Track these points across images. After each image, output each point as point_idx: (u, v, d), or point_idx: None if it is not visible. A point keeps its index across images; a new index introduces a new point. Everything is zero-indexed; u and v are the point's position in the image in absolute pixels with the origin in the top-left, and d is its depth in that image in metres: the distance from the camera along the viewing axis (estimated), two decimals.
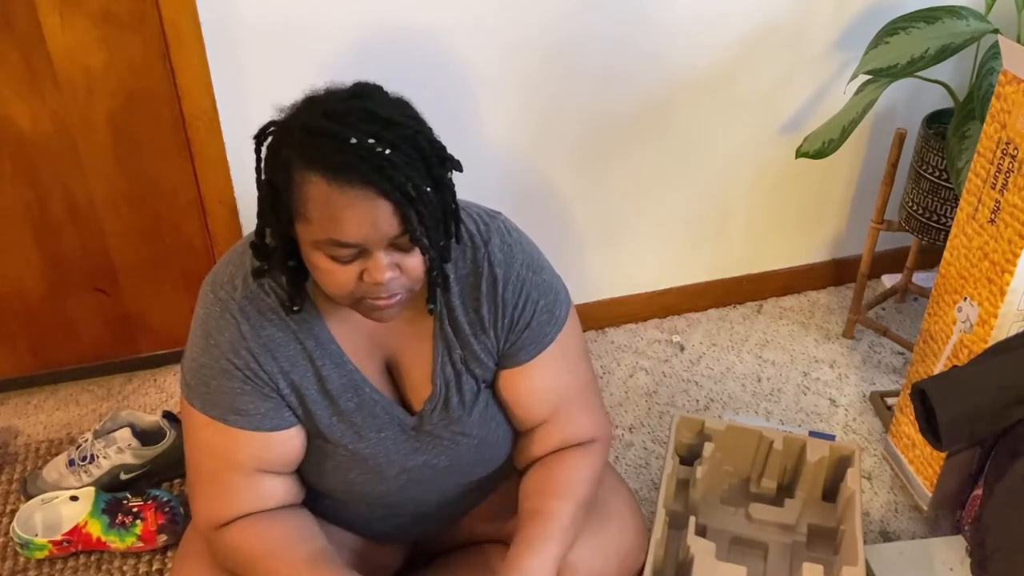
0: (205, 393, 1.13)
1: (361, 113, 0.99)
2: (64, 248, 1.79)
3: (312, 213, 0.98)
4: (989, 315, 1.47)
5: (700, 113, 1.93)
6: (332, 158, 0.96)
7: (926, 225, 1.89)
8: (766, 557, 1.57)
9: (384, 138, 0.97)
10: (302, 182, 0.98)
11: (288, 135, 1.00)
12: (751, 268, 2.23)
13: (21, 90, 1.61)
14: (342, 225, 0.97)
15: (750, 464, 1.67)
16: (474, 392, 1.22)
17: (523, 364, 1.21)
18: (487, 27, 1.70)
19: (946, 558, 1.57)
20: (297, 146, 0.98)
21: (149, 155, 1.73)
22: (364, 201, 0.96)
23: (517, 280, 1.18)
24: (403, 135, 0.99)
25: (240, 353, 1.11)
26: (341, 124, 0.97)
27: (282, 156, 1.00)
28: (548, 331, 1.21)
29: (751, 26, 1.85)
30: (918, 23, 1.70)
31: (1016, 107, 1.37)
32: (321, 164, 0.96)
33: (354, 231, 0.98)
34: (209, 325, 1.13)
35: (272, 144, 1.03)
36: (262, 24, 1.58)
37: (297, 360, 1.14)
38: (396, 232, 0.99)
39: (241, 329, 1.11)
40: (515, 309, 1.18)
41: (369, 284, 1.02)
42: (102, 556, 1.61)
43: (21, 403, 1.93)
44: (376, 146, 0.96)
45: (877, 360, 2.09)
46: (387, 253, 1.01)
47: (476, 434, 1.24)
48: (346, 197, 0.96)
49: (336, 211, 0.97)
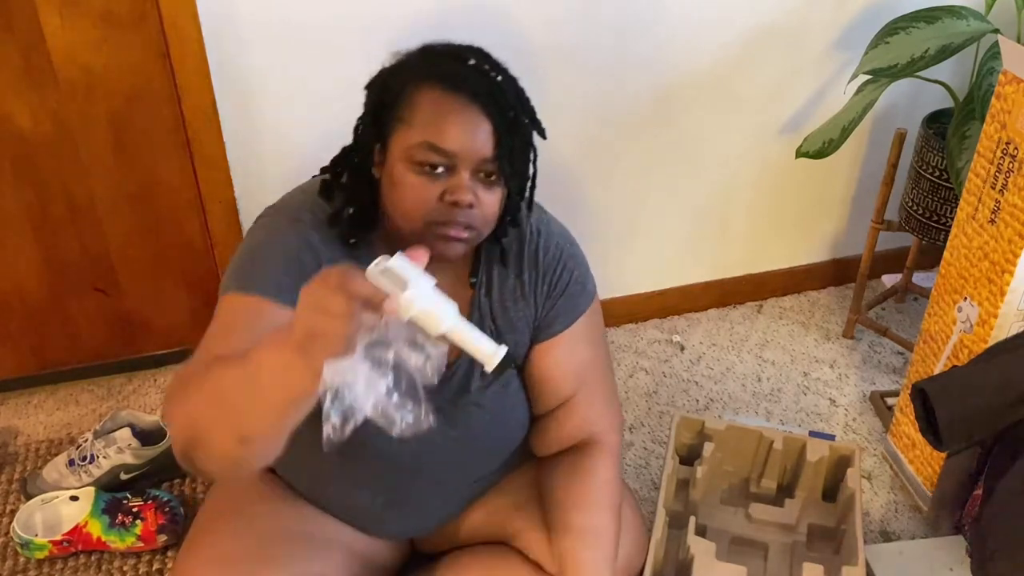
0: (250, 270, 1.11)
1: (477, 50, 1.12)
2: (64, 248, 1.79)
3: (418, 117, 1.06)
4: (989, 315, 1.47)
5: (700, 113, 1.93)
6: (449, 70, 1.07)
7: (926, 225, 1.89)
8: (766, 557, 1.57)
9: (497, 68, 1.10)
10: (414, 91, 1.07)
11: (405, 63, 1.12)
12: (751, 268, 2.23)
13: (21, 90, 1.61)
14: (445, 129, 1.05)
15: (750, 464, 1.67)
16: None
17: (556, 335, 1.27)
18: (487, 28, 1.70)
19: (946, 558, 1.57)
20: (415, 66, 1.10)
21: (149, 155, 1.73)
22: (470, 113, 1.06)
23: (556, 248, 1.26)
24: (511, 76, 1.12)
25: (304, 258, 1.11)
26: (462, 51, 1.11)
27: (395, 78, 1.10)
28: (580, 302, 1.28)
29: (751, 26, 1.85)
30: (918, 23, 1.70)
31: (1016, 107, 1.37)
32: (438, 75, 1.07)
33: (454, 138, 1.05)
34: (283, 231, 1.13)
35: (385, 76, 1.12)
36: (262, 24, 1.58)
37: None
38: (488, 154, 1.06)
39: (309, 238, 1.12)
40: (554, 275, 1.25)
41: (447, 205, 1.06)
42: (102, 556, 1.61)
43: (21, 403, 1.93)
44: (490, 71, 1.09)
45: (877, 360, 2.09)
46: (471, 178, 1.07)
47: (490, 408, 1.26)
48: (455, 104, 1.06)
49: (443, 115, 1.05)
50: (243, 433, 0.90)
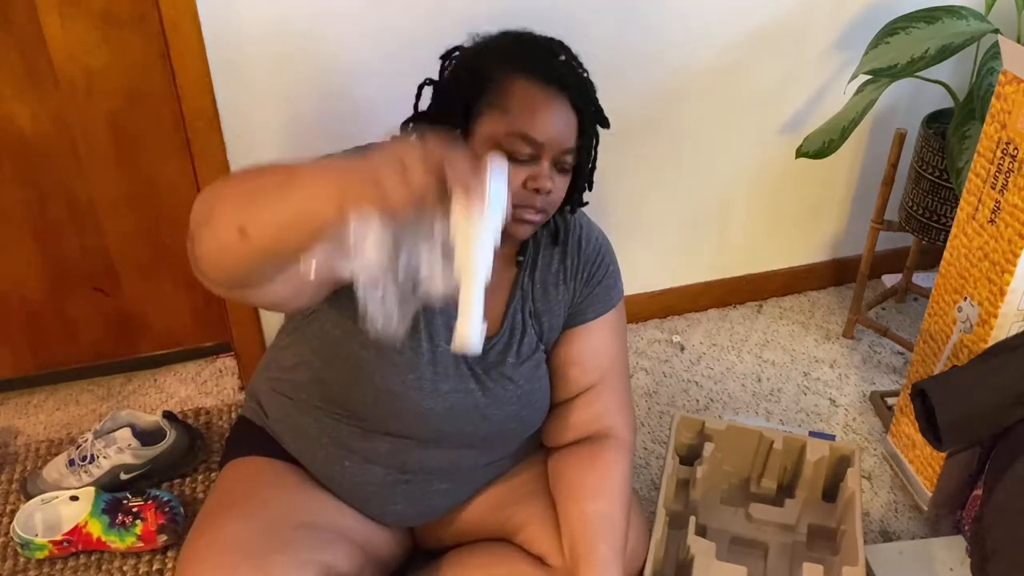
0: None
1: (564, 45, 1.20)
2: (64, 248, 1.79)
3: (511, 106, 1.11)
4: (989, 315, 1.47)
5: (700, 113, 1.93)
6: (545, 64, 1.14)
7: (926, 225, 1.89)
8: (766, 557, 1.57)
9: (580, 64, 1.19)
10: (505, 80, 1.12)
11: (494, 49, 1.17)
12: (751, 268, 2.23)
13: (21, 90, 1.61)
14: (537, 122, 1.11)
15: (750, 464, 1.67)
16: (532, 348, 1.30)
17: (588, 322, 1.33)
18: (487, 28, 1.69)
19: (946, 558, 1.57)
20: (507, 55, 1.15)
21: (149, 155, 1.73)
22: (560, 106, 1.13)
23: (596, 241, 1.35)
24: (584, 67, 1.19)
25: None
26: (551, 44, 1.19)
27: (481, 62, 1.15)
28: (612, 295, 1.36)
29: (751, 26, 1.85)
30: (918, 23, 1.70)
31: (1016, 107, 1.37)
32: (534, 68, 1.13)
33: (545, 130, 1.11)
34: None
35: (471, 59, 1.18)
36: (262, 24, 1.58)
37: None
38: (570, 144, 1.15)
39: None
40: (593, 265, 1.33)
41: (528, 192, 1.13)
42: (102, 556, 1.61)
43: (21, 403, 1.93)
44: (577, 67, 1.17)
45: (877, 360, 2.09)
46: (551, 167, 1.14)
47: (521, 385, 1.29)
48: (548, 97, 1.12)
49: (537, 106, 1.11)
50: (246, 224, 0.89)
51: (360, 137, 1.73)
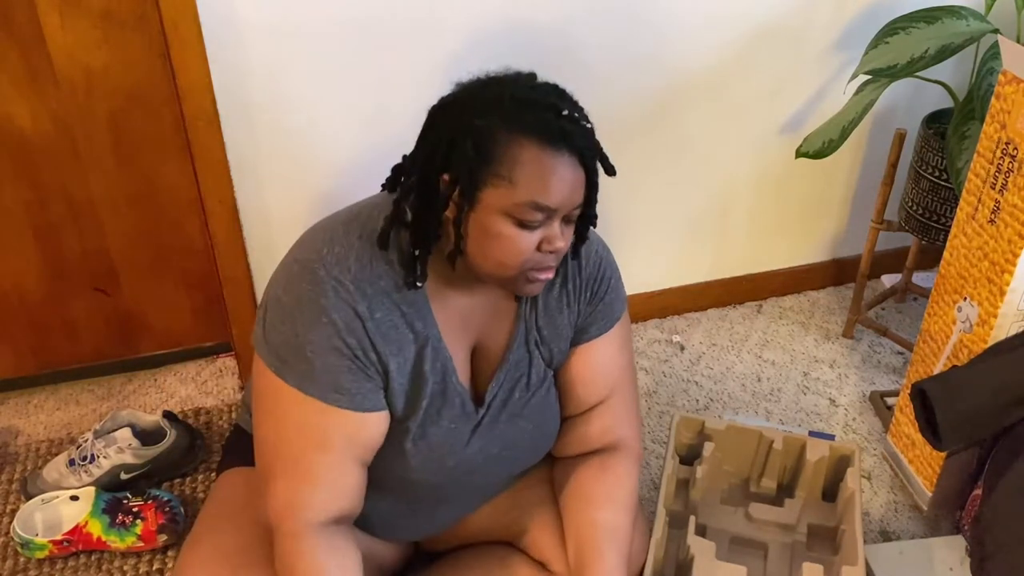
0: (307, 371, 1.10)
1: (557, 90, 1.10)
2: (64, 248, 1.79)
3: (519, 176, 1.04)
4: (989, 315, 1.47)
5: (700, 113, 1.93)
6: (551, 124, 1.04)
7: (926, 225, 1.89)
8: (766, 557, 1.57)
9: (582, 114, 1.09)
10: (510, 146, 1.03)
11: (486, 104, 1.06)
12: (751, 268, 2.23)
13: (21, 90, 1.61)
14: (549, 189, 1.04)
15: (750, 464, 1.67)
16: (541, 376, 1.27)
17: (594, 339, 1.29)
18: (486, 28, 1.70)
19: (946, 558, 1.57)
20: (504, 113, 1.05)
21: (149, 155, 1.73)
22: (571, 168, 1.06)
23: (596, 256, 1.28)
24: (586, 114, 1.10)
25: (356, 333, 1.10)
26: (550, 96, 1.07)
27: (478, 123, 1.04)
28: (616, 309, 1.31)
29: (751, 26, 1.85)
30: (918, 23, 1.70)
31: (1016, 107, 1.37)
32: (539, 130, 1.04)
33: (557, 196, 1.05)
34: (322, 303, 1.09)
35: (456, 114, 1.08)
36: (262, 24, 1.58)
37: (403, 344, 1.14)
38: (580, 201, 1.09)
39: (359, 310, 1.10)
40: (595, 283, 1.27)
41: (543, 253, 1.08)
42: (102, 556, 1.61)
43: (21, 403, 1.93)
44: (580, 119, 1.08)
45: (877, 360, 2.10)
46: (560, 222, 1.09)
47: (533, 419, 1.27)
48: (557, 162, 1.04)
49: (547, 174, 1.04)
50: None
51: (361, 136, 1.74)
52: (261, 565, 1.19)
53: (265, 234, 1.81)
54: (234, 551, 1.21)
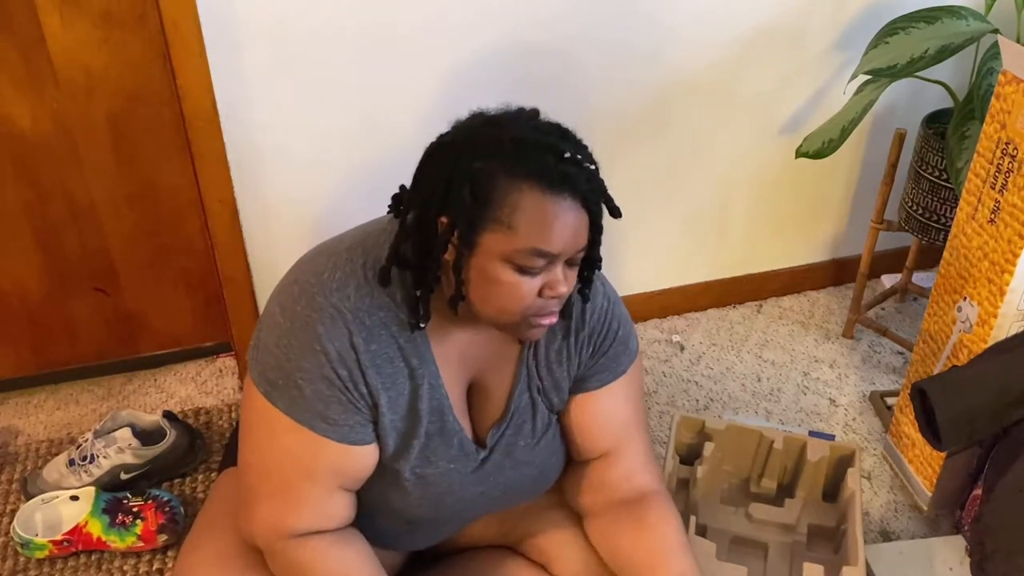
0: (297, 397, 1.08)
1: (559, 129, 1.05)
2: (64, 248, 1.79)
3: (520, 222, 0.99)
4: (989, 315, 1.47)
5: (700, 113, 1.93)
6: (552, 169, 0.99)
7: (926, 225, 1.89)
8: (766, 557, 1.57)
9: (586, 155, 1.03)
10: (510, 190, 0.99)
11: (486, 147, 1.01)
12: (751, 268, 2.23)
13: (21, 90, 1.61)
14: (551, 235, 1.00)
15: (750, 464, 1.67)
16: (546, 423, 1.23)
17: (595, 390, 1.23)
18: (485, 27, 1.70)
19: (946, 558, 1.57)
20: (504, 156, 1.00)
21: (149, 155, 1.73)
22: (573, 212, 1.01)
23: (602, 308, 1.22)
24: (590, 154, 1.04)
25: (348, 364, 1.07)
26: (551, 137, 1.02)
27: (477, 166, 1.00)
28: (622, 362, 1.24)
29: (751, 26, 1.85)
30: (918, 23, 1.71)
31: (1016, 107, 1.37)
32: (539, 174, 0.99)
33: (559, 241, 1.01)
34: (319, 331, 1.06)
35: (454, 156, 1.02)
36: (262, 24, 1.58)
37: (397, 378, 1.11)
38: (583, 244, 1.04)
39: (354, 341, 1.07)
40: (599, 336, 1.21)
41: (546, 298, 1.04)
42: (102, 556, 1.61)
43: (21, 403, 1.93)
44: (583, 161, 1.02)
45: (877, 360, 2.10)
46: (563, 266, 1.05)
47: (538, 464, 1.24)
48: (559, 207, 1.00)
49: (548, 219, 1.00)
50: None
51: (361, 137, 1.74)
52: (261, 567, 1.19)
53: (265, 234, 1.81)
54: (234, 553, 1.21)
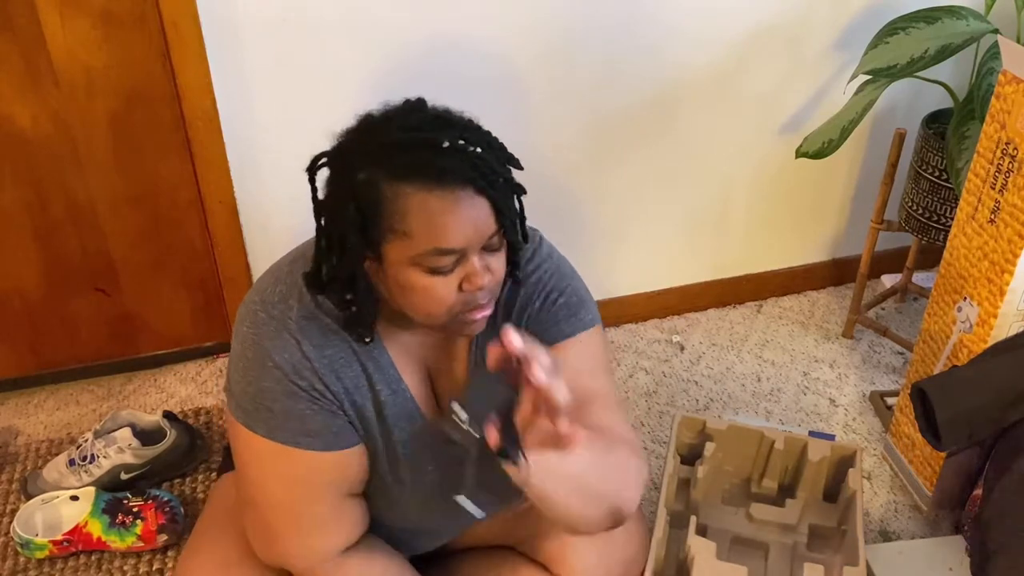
0: (270, 419, 1.07)
1: (436, 120, 1.00)
2: (64, 248, 1.79)
3: (412, 226, 0.96)
4: (989, 315, 1.47)
5: (700, 113, 1.93)
6: (429, 164, 0.95)
7: (926, 225, 1.89)
8: (767, 557, 1.57)
9: (470, 139, 0.98)
10: (395, 197, 0.96)
11: (365, 155, 0.98)
12: (751, 268, 2.23)
13: (21, 90, 1.61)
14: (447, 231, 0.96)
15: (751, 464, 1.67)
16: None
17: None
18: (485, 26, 1.70)
19: (946, 558, 1.57)
20: (382, 162, 0.97)
21: (149, 155, 1.73)
22: (465, 202, 0.96)
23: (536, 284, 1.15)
24: (481, 134, 1.00)
25: (304, 374, 1.06)
26: (426, 132, 0.97)
27: (361, 178, 0.97)
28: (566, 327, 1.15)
29: (751, 26, 1.85)
30: (918, 23, 1.71)
31: (1016, 107, 1.38)
32: (418, 173, 0.95)
33: (459, 235, 0.96)
34: (266, 346, 1.06)
35: (339, 170, 1.01)
36: (262, 24, 1.58)
37: (359, 382, 1.10)
38: (492, 230, 0.99)
39: (303, 349, 1.06)
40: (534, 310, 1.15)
41: (468, 293, 1.00)
42: (102, 556, 1.61)
43: (21, 403, 1.93)
44: (467, 146, 0.97)
45: (877, 360, 2.10)
46: (479, 256, 1.00)
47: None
48: (447, 201, 0.95)
49: (439, 217, 0.95)
50: None
51: None
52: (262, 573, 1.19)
53: (265, 234, 1.81)
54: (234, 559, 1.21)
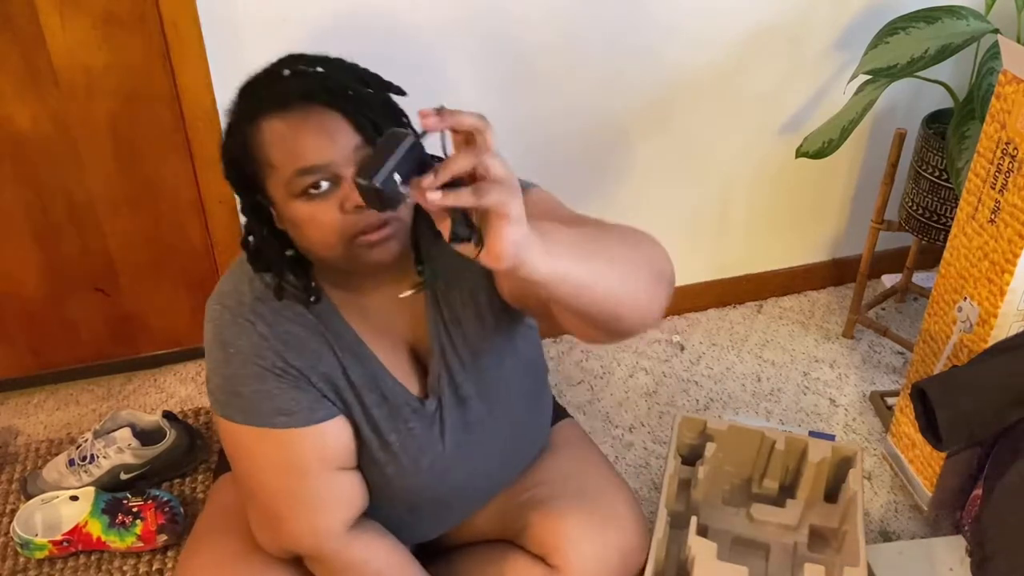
0: (244, 404, 1.10)
1: (288, 56, 1.06)
2: (64, 248, 1.79)
3: (273, 155, 1.01)
4: (989, 315, 1.47)
5: (700, 113, 1.93)
6: (272, 94, 1.02)
7: (926, 225, 1.89)
8: (767, 557, 1.57)
9: (313, 63, 1.04)
10: (255, 134, 1.02)
11: (232, 112, 1.06)
12: (751, 268, 2.23)
13: (21, 90, 1.61)
14: (301, 149, 0.99)
15: (752, 464, 1.67)
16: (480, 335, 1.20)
17: None
18: (485, 26, 1.70)
19: (946, 558, 1.57)
20: (240, 108, 1.05)
21: (149, 155, 1.73)
22: (313, 119, 1.00)
23: None
24: (330, 59, 1.06)
25: (264, 354, 1.10)
26: (271, 69, 1.05)
27: (233, 131, 1.05)
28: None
29: (751, 26, 1.85)
30: (918, 23, 1.71)
31: (1016, 107, 1.38)
32: (264, 104, 1.02)
33: (314, 150, 0.99)
34: (225, 335, 1.10)
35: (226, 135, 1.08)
36: (262, 24, 1.58)
37: (322, 353, 1.13)
38: (356, 142, 1.01)
39: (259, 329, 1.10)
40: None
41: (353, 214, 1.01)
42: (102, 556, 1.61)
43: (21, 403, 1.93)
44: (307, 69, 1.03)
45: (877, 360, 2.10)
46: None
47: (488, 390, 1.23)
48: (294, 122, 1.00)
49: (291, 138, 1.00)
50: None
51: None
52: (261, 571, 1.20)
53: None
54: (233, 558, 1.22)
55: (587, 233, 0.94)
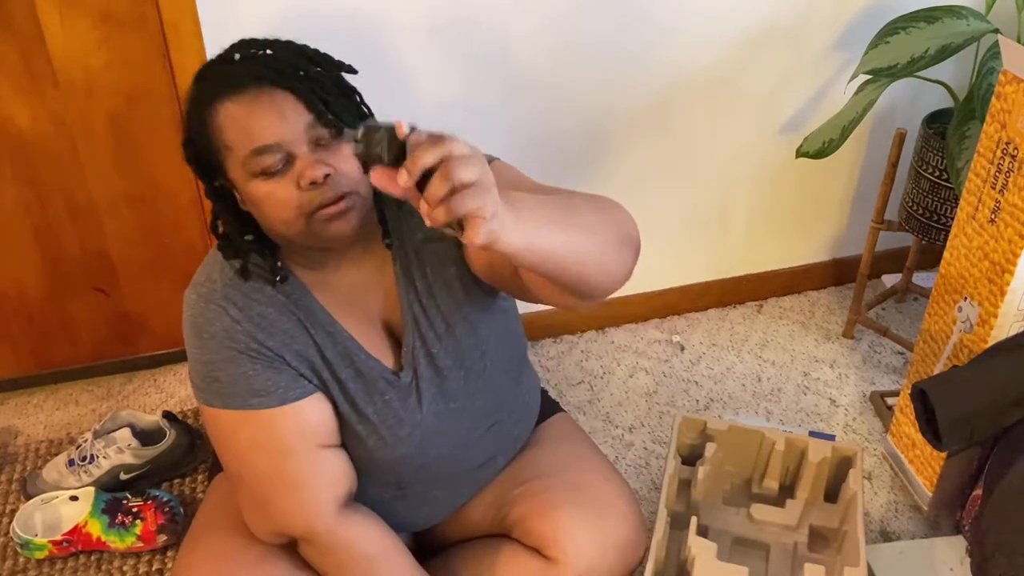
0: (221, 388, 1.13)
1: (240, 42, 1.10)
2: (64, 248, 1.79)
3: (228, 137, 1.05)
4: (989, 315, 1.47)
5: (700, 113, 1.93)
6: (223, 78, 1.06)
7: (926, 225, 1.89)
8: (767, 558, 1.57)
9: (264, 47, 1.08)
10: (210, 118, 1.05)
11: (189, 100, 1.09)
12: (751, 268, 2.23)
13: (21, 90, 1.61)
14: (254, 129, 1.03)
15: (752, 464, 1.67)
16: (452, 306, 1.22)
17: None
18: (485, 27, 1.70)
19: (946, 558, 1.57)
20: (196, 95, 1.08)
21: (149, 155, 1.73)
22: (264, 99, 1.04)
23: None
24: (282, 42, 1.10)
25: (237, 337, 1.12)
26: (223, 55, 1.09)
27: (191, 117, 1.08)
28: None
29: (751, 26, 1.85)
30: (918, 23, 1.71)
31: (1016, 107, 1.37)
32: (216, 89, 1.05)
33: (266, 131, 1.03)
34: (198, 322, 1.14)
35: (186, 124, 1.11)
36: (262, 24, 1.58)
37: (296, 332, 1.16)
38: (308, 120, 1.04)
39: (230, 313, 1.13)
40: None
41: (309, 191, 1.04)
42: (102, 556, 1.61)
43: (21, 403, 1.93)
44: (257, 52, 1.07)
45: (877, 360, 2.10)
46: (313, 152, 1.05)
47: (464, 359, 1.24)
48: (246, 103, 1.04)
49: (244, 119, 1.03)
50: None
51: None
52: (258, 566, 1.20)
53: None
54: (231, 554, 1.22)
55: (555, 200, 0.96)
